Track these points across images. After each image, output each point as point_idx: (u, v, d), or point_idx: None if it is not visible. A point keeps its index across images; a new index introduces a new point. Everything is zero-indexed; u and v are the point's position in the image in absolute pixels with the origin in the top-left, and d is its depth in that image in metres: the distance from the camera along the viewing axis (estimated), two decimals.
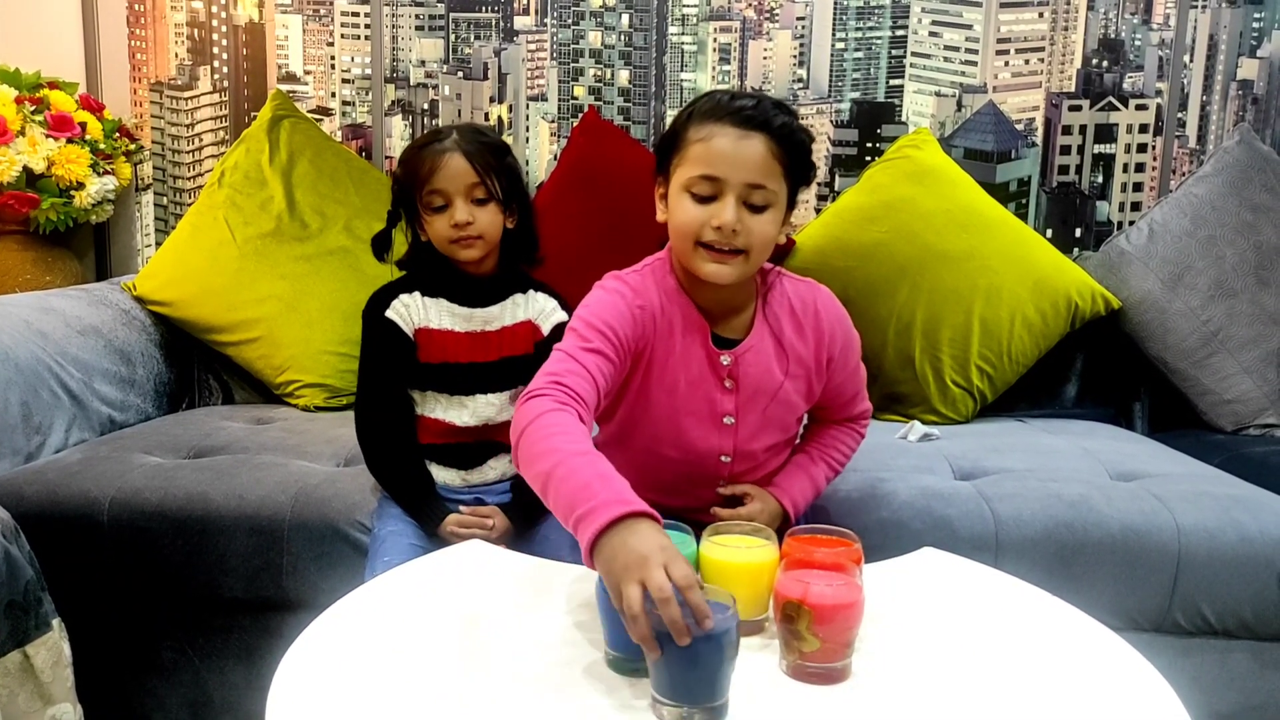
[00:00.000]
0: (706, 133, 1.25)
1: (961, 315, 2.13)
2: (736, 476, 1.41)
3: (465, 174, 1.52)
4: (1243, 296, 2.16)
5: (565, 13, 4.49)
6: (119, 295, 2.21)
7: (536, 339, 1.60)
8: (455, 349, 1.57)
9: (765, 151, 1.24)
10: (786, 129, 1.25)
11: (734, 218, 1.23)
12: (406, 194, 1.56)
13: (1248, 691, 1.62)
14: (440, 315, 1.57)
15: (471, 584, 1.21)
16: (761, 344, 1.34)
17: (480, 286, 1.59)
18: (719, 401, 1.34)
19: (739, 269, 1.27)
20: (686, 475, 1.39)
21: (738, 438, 1.36)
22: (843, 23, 4.58)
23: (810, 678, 1.01)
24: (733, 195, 1.24)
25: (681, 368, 1.32)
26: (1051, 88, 4.43)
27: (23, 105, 2.33)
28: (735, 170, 1.23)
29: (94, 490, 1.65)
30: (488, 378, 1.57)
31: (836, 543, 1.10)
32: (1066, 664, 1.07)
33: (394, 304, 1.57)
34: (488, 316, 1.59)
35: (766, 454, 1.42)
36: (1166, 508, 1.61)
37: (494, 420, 1.59)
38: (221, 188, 2.24)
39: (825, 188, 4.44)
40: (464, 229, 1.52)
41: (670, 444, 1.36)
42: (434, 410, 1.58)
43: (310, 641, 1.06)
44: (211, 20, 3.86)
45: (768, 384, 1.35)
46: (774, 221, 1.26)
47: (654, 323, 1.31)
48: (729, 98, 1.27)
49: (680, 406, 1.33)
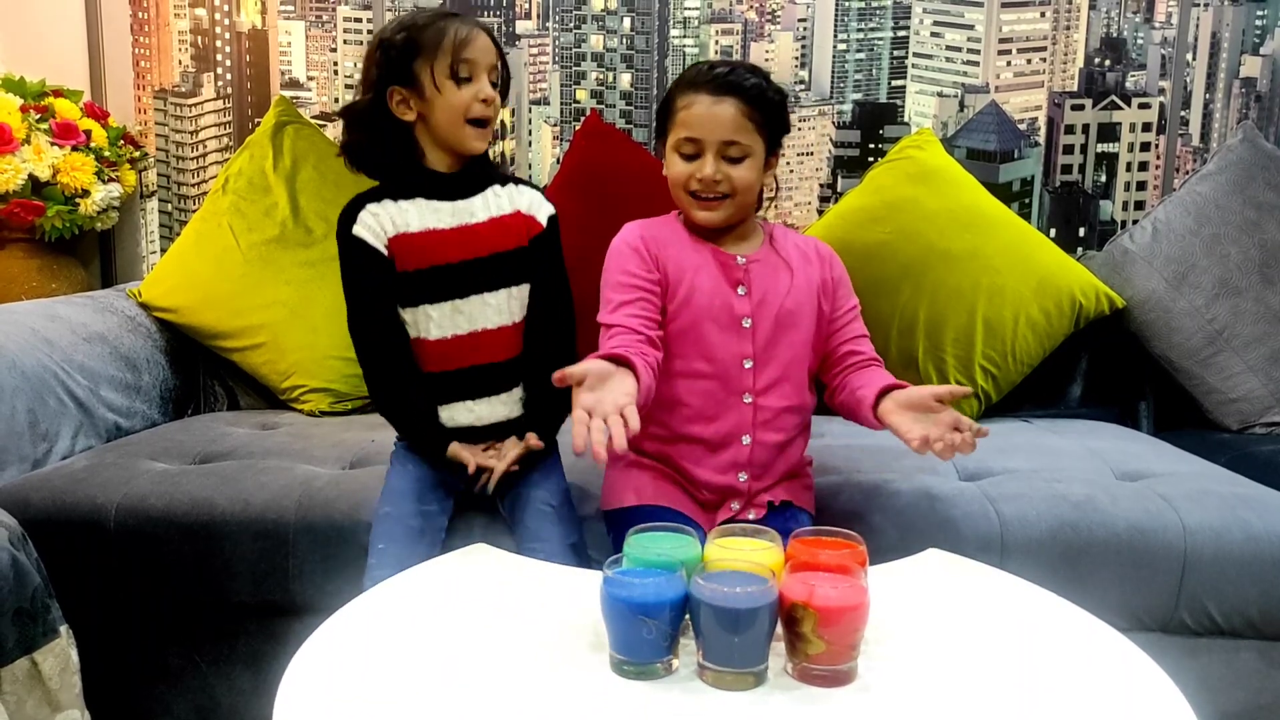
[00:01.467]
0: (688, 100, 1.45)
1: (965, 315, 2.13)
2: (762, 391, 1.48)
3: (491, 52, 1.50)
4: (1247, 295, 2.15)
5: (567, 16, 4.50)
6: (124, 302, 2.22)
7: (533, 232, 1.55)
8: (443, 249, 1.50)
9: (737, 112, 1.44)
10: (757, 89, 1.45)
11: (713, 170, 1.44)
12: (408, 61, 1.47)
13: (1255, 691, 1.61)
14: (421, 215, 1.50)
15: (476, 588, 1.21)
16: (770, 257, 1.52)
17: (455, 180, 1.52)
18: (735, 305, 1.48)
19: (726, 211, 1.47)
20: (715, 393, 1.47)
21: (756, 342, 1.48)
22: (844, 24, 4.58)
23: (816, 680, 1.00)
24: (711, 152, 1.44)
25: (697, 278, 1.48)
26: (1054, 87, 4.43)
27: (28, 114, 2.33)
28: (712, 131, 1.44)
29: (100, 497, 1.66)
30: (482, 275, 1.51)
31: (841, 545, 1.10)
32: (1073, 665, 1.06)
33: (361, 217, 1.49)
34: (470, 208, 1.52)
35: (788, 368, 1.49)
36: (1172, 507, 1.61)
37: (491, 325, 1.53)
38: (226, 194, 2.25)
39: (828, 189, 4.44)
40: (490, 105, 1.49)
41: (696, 354, 1.47)
42: (429, 328, 1.52)
43: (316, 647, 1.07)
44: (215, 27, 3.87)
45: (777, 289, 1.50)
46: (753, 168, 1.46)
47: (660, 244, 1.49)
48: (708, 67, 1.48)
49: (700, 314, 1.47)
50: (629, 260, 1.46)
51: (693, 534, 1.13)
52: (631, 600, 1.00)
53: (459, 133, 1.49)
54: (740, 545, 1.11)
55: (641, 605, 1.00)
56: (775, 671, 1.02)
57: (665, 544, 1.11)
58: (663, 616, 1.00)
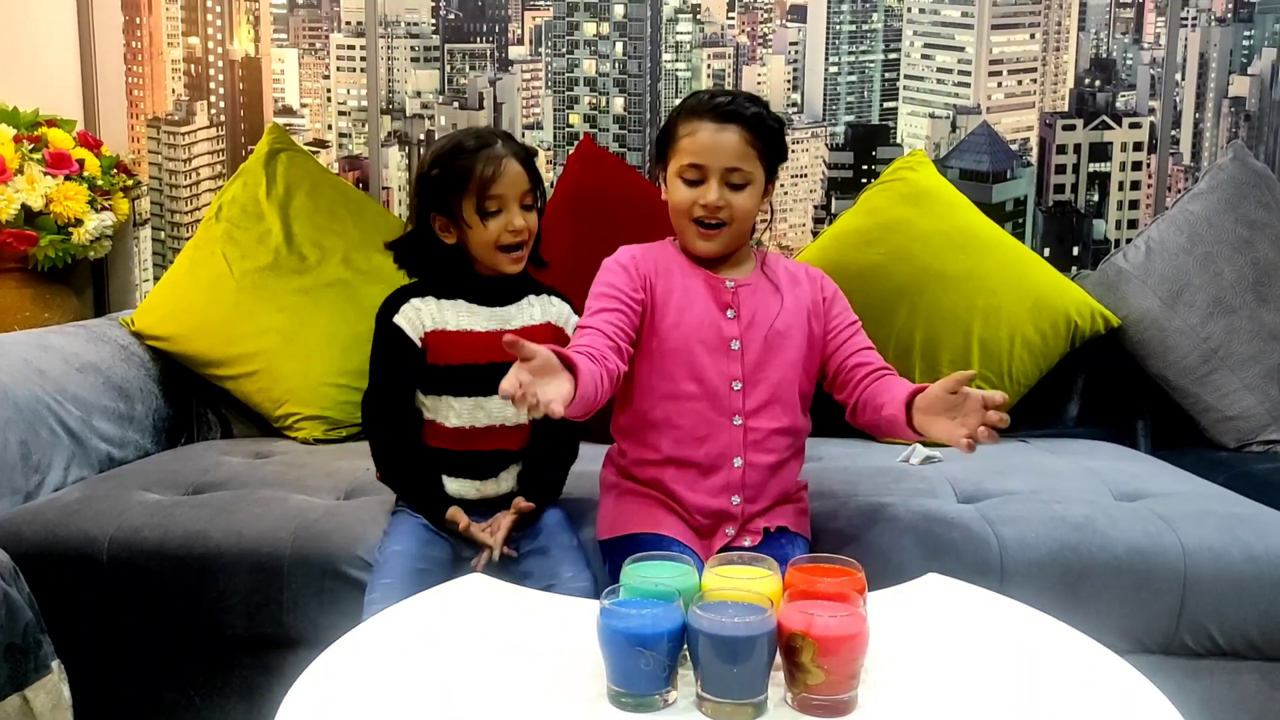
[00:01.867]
0: (691, 128, 1.49)
1: (961, 336, 2.13)
2: (751, 413, 1.48)
3: (521, 180, 1.56)
4: (1241, 313, 2.16)
5: (560, 42, 4.53)
6: (117, 331, 2.21)
7: (560, 343, 1.61)
8: (475, 350, 1.57)
9: (740, 139, 1.47)
10: (758, 118, 1.48)
11: (717, 196, 1.47)
12: (443, 195, 1.56)
13: (1258, 713, 1.60)
14: (458, 316, 1.58)
15: (473, 619, 1.20)
16: (759, 283, 1.54)
17: (496, 286, 1.61)
18: (724, 328, 1.50)
19: (723, 241, 1.50)
20: (704, 415, 1.48)
21: (745, 364, 1.49)
22: (835, 47, 4.62)
23: (816, 710, 0.99)
24: (715, 178, 1.47)
25: (686, 301, 1.50)
26: (1045, 107, 4.46)
27: (21, 143, 2.33)
28: (716, 158, 1.47)
29: (93, 529, 1.64)
30: None
31: (840, 572, 1.09)
32: (1074, 690, 1.05)
33: (404, 309, 1.59)
34: (506, 315, 1.60)
35: (778, 390, 1.50)
36: (1171, 528, 1.60)
37: (509, 422, 1.59)
38: (219, 222, 2.25)
39: (822, 210, 4.46)
40: (519, 235, 1.55)
41: (685, 376, 1.48)
42: (448, 417, 1.58)
43: (312, 679, 1.05)
44: (208, 56, 3.89)
45: (767, 312, 1.51)
46: (753, 195, 1.50)
47: (652, 265, 1.51)
48: (709, 96, 1.51)
49: (689, 335, 1.49)
50: (616, 275, 1.49)
51: (690, 562, 1.13)
52: (629, 631, 0.99)
53: (492, 258, 1.58)
54: (738, 574, 1.10)
55: (639, 636, 0.99)
56: (775, 702, 1.01)
57: (662, 573, 1.10)
58: (660, 648, 0.99)
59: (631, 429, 1.53)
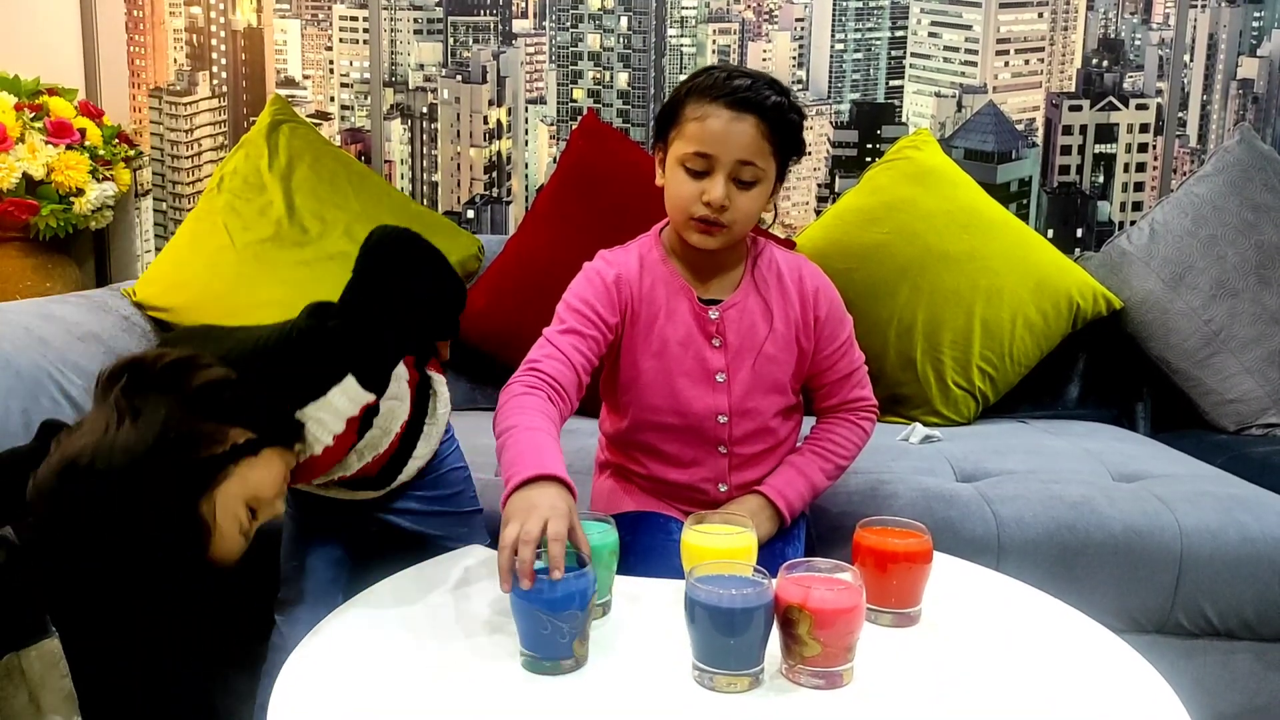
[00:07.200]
0: (702, 112, 1.31)
1: (963, 316, 2.13)
2: (738, 441, 1.42)
3: None
4: (1244, 296, 2.15)
5: (564, 16, 4.50)
6: (119, 301, 2.21)
7: None
8: None
9: (756, 132, 1.31)
10: (778, 109, 1.32)
11: (722, 194, 1.31)
12: None
13: (1251, 693, 1.61)
14: None
15: (470, 587, 1.20)
16: (747, 301, 1.41)
17: None
18: (709, 359, 1.39)
19: (721, 240, 1.36)
20: (689, 444, 1.42)
21: (731, 396, 1.40)
22: (842, 24, 4.58)
23: (812, 682, 1.00)
24: (723, 173, 1.31)
25: (669, 328, 1.39)
26: (1051, 88, 4.44)
27: (22, 112, 2.33)
28: (727, 149, 1.31)
29: None
30: None
31: (907, 534, 1.14)
32: (1068, 667, 1.06)
33: None
34: None
35: (765, 417, 1.42)
36: (1169, 508, 1.61)
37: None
38: (221, 193, 2.24)
39: (825, 189, 4.44)
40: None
41: (668, 409, 1.40)
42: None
43: (310, 649, 1.06)
44: (210, 26, 3.86)
45: (754, 338, 1.40)
46: (761, 195, 1.35)
47: (632, 288, 1.39)
48: (726, 76, 1.33)
49: (672, 367, 1.39)
50: (597, 293, 1.37)
51: (609, 520, 1.15)
52: (530, 598, 1.01)
53: None
54: (716, 529, 1.14)
55: (548, 603, 1.00)
56: (771, 674, 1.02)
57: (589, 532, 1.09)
58: (563, 615, 1.00)
59: (616, 438, 1.47)
